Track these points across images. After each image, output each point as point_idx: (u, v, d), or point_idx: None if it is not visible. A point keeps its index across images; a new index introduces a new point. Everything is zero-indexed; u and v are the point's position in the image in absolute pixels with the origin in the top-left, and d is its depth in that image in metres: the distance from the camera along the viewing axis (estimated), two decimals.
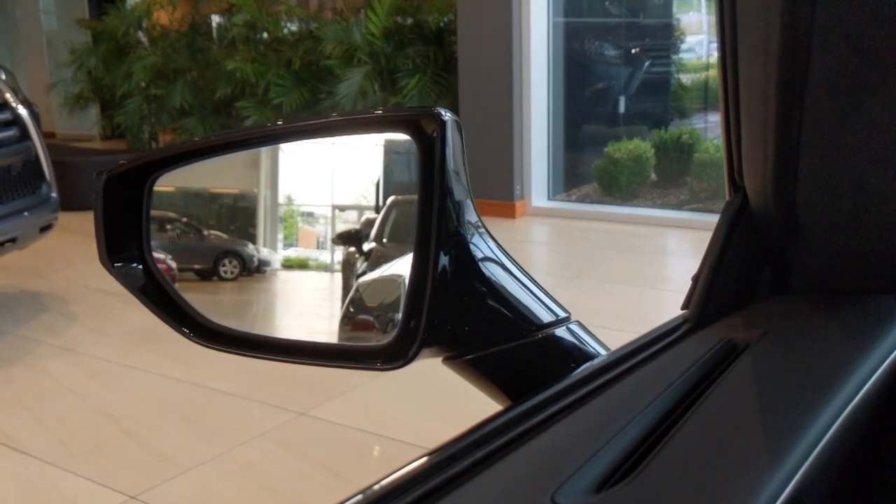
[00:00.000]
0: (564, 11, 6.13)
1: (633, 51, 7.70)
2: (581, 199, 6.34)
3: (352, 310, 0.71)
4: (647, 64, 7.70)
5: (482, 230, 0.59)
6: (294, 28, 6.85)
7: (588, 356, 0.61)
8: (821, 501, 0.38)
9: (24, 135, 3.69)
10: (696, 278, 0.59)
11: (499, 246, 0.61)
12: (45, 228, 3.88)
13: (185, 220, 0.75)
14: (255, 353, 0.63)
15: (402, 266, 0.81)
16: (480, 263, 0.58)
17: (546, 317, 0.61)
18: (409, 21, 6.18)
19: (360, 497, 0.37)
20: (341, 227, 0.68)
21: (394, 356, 0.57)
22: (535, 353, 0.60)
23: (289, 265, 0.69)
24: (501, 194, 5.75)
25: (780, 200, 0.54)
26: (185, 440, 2.79)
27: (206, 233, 0.74)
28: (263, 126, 0.60)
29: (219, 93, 6.84)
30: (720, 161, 5.93)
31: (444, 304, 0.56)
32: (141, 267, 0.64)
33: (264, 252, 0.70)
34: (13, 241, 3.68)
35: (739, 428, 0.40)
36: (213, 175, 0.74)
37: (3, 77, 3.85)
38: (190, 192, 0.75)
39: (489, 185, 5.72)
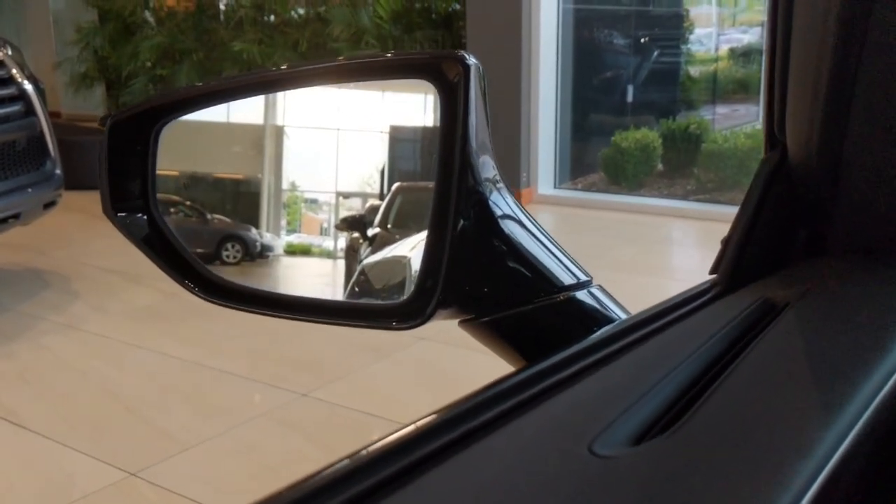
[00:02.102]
0: None
1: (642, 40, 7.66)
2: (587, 188, 6.31)
3: (357, 290, 0.70)
4: (655, 54, 7.66)
5: (501, 186, 0.57)
6: (301, 11, 6.81)
7: (610, 320, 0.58)
8: (874, 460, 0.36)
9: (30, 110, 3.66)
10: (726, 241, 0.57)
11: (518, 204, 0.58)
12: (48, 205, 3.85)
13: (188, 203, 0.74)
14: (265, 310, 0.61)
15: (406, 247, 0.80)
16: (500, 221, 0.56)
17: (567, 279, 0.58)
18: (418, 5, 6.14)
19: (385, 441, 0.35)
20: (345, 214, 0.68)
21: (409, 315, 0.54)
22: (555, 315, 0.57)
23: (291, 251, 0.69)
24: (507, 181, 5.70)
25: (825, 156, 0.52)
26: (186, 418, 2.78)
27: (209, 217, 0.73)
28: (273, 69, 0.57)
29: (225, 73, 6.80)
30: (729, 152, 5.92)
31: (462, 263, 0.53)
32: (145, 217, 0.61)
33: (267, 237, 0.70)
34: (16, 216, 3.65)
35: (787, 383, 0.38)
36: (218, 160, 0.75)
37: (10, 52, 3.82)
38: (194, 177, 0.75)
39: None
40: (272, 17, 6.95)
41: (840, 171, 0.52)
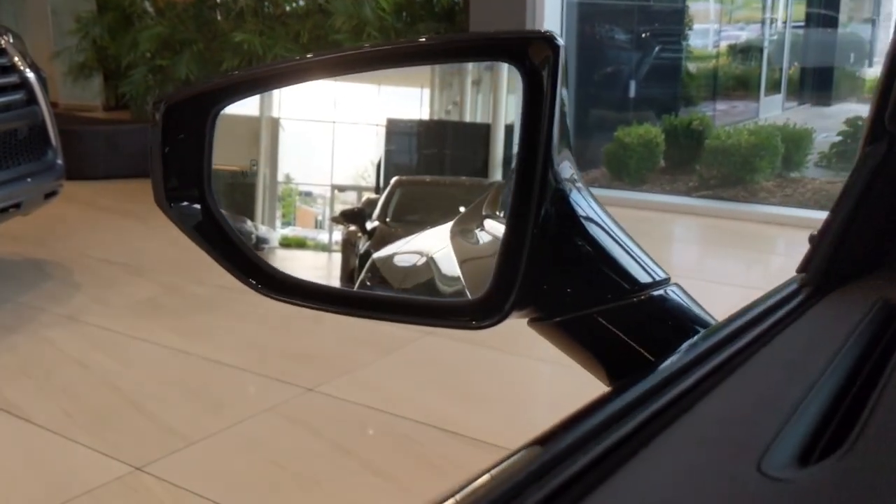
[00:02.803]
0: None
1: (643, 35, 7.63)
2: (590, 183, 6.26)
3: (368, 285, 0.69)
4: (657, 49, 7.63)
5: (579, 183, 0.54)
6: (302, 2, 6.76)
7: (693, 321, 0.55)
8: None
9: (32, 99, 3.62)
10: (817, 238, 0.54)
11: (597, 200, 0.55)
12: (49, 195, 3.81)
13: None
14: (336, 308, 0.58)
15: (422, 243, 0.78)
16: (581, 218, 0.53)
17: (646, 278, 0.56)
18: None
19: (540, 448, 0.32)
20: (341, 207, 0.68)
21: (485, 313, 0.51)
22: (635, 316, 0.54)
23: (286, 244, 0.68)
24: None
25: None
26: (191, 413, 2.75)
27: None
28: (340, 51, 0.54)
29: (225, 65, 6.75)
30: (732, 148, 5.90)
31: (540, 261, 0.51)
32: (199, 207, 0.58)
33: (262, 229, 0.69)
34: (17, 206, 3.61)
35: None
36: (214, 151, 0.73)
37: (12, 40, 3.77)
38: None
39: None
40: (273, 9, 6.89)
41: None
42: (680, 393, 0.37)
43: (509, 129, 0.68)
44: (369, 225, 0.65)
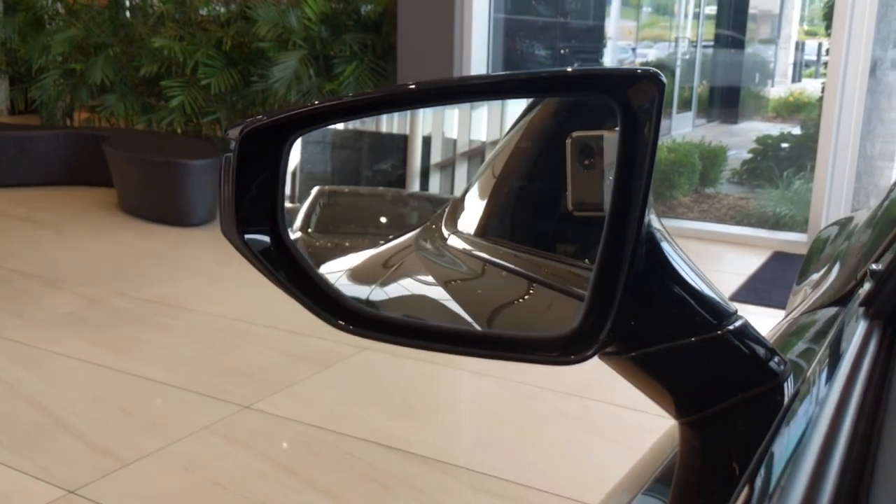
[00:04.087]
0: (505, 8, 6.12)
1: (562, 51, 7.77)
2: None
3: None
4: (575, 66, 7.77)
5: (660, 223, 0.54)
6: (222, 10, 6.63)
7: (766, 355, 0.56)
8: None
9: None
10: (884, 272, 0.55)
11: (674, 241, 0.56)
12: None
13: None
14: (418, 342, 0.56)
15: (380, 258, 0.77)
16: (667, 257, 0.53)
17: (721, 313, 0.56)
18: (343, 6, 6.05)
19: None
20: None
21: (578, 348, 0.51)
22: (712, 351, 0.55)
23: None
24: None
25: None
26: (124, 432, 2.65)
27: None
28: (426, 83, 0.52)
29: (143, 70, 6.57)
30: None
31: (632, 296, 0.51)
32: (270, 240, 0.55)
33: None
34: None
35: None
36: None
37: None
38: None
39: None
40: (193, 14, 6.75)
41: None
42: (850, 440, 0.37)
43: (426, 141, 0.68)
44: (291, 236, 0.62)
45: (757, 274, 4.39)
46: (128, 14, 7.07)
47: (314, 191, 0.67)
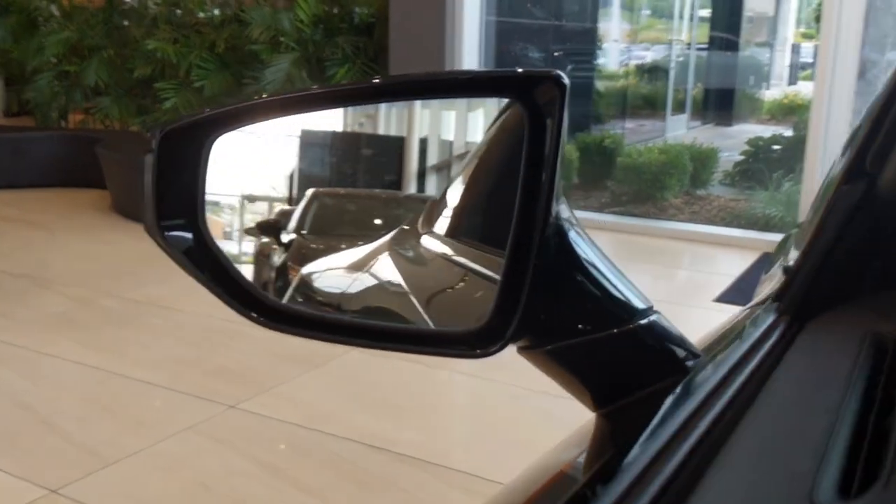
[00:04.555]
0: (497, 11, 6.14)
1: (556, 54, 7.79)
2: None
3: (300, 299, 0.68)
4: (569, 68, 7.79)
5: (574, 220, 0.56)
6: (217, 12, 6.65)
7: (679, 348, 0.57)
8: None
9: None
10: (794, 269, 0.57)
11: (587, 234, 0.58)
12: None
13: None
14: (336, 337, 0.58)
15: (356, 259, 0.78)
16: (577, 250, 0.55)
17: (634, 307, 0.58)
18: (336, 9, 6.08)
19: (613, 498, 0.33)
20: (254, 218, 0.66)
21: (487, 342, 0.53)
22: (625, 345, 0.56)
23: None
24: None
25: None
26: (108, 432, 2.66)
27: None
28: (344, 84, 0.54)
29: (137, 73, 6.59)
30: (643, 166, 6.07)
31: (538, 291, 0.52)
32: (192, 236, 0.57)
33: None
34: None
35: None
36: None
37: None
38: None
39: None
40: (187, 17, 6.77)
41: None
42: (706, 431, 0.38)
43: (423, 143, 0.69)
44: (285, 237, 0.64)
45: (744, 275, 4.42)
46: (127, 18, 7.10)
47: (309, 192, 0.68)
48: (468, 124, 0.71)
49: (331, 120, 0.65)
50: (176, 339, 3.48)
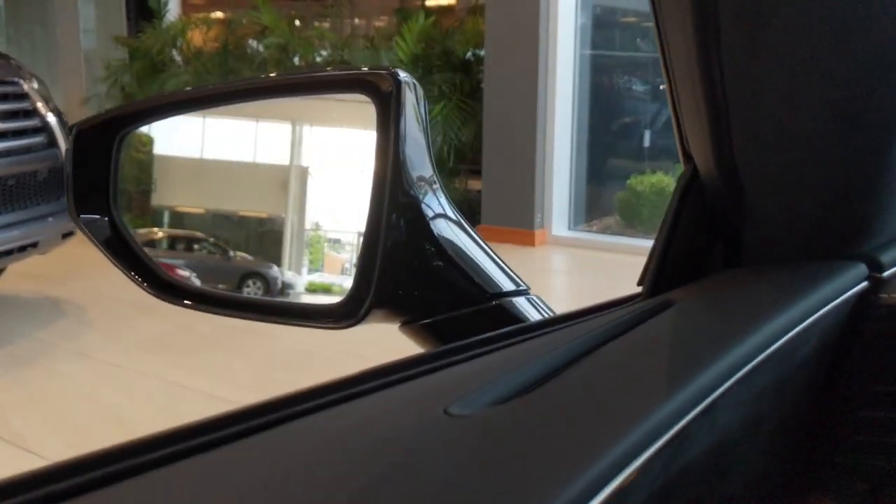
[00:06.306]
0: (592, 44, 6.17)
1: (661, 87, 7.72)
2: (602, 231, 6.33)
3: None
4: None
5: (437, 188, 0.60)
6: (325, 53, 6.94)
7: None
8: (711, 451, 0.39)
9: (52, 142, 3.76)
10: (649, 254, 0.60)
11: (454, 211, 0.62)
12: (67, 235, 3.93)
13: (212, 240, 0.77)
14: (215, 309, 0.65)
15: None
16: (433, 228, 0.59)
17: (503, 287, 0.62)
18: (437, 49, 6.25)
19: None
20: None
21: (345, 316, 0.58)
22: (490, 320, 0.60)
23: (313, 289, 0.69)
24: (521, 222, 5.77)
25: (721, 164, 0.55)
26: None
27: (231, 254, 0.75)
28: (224, 84, 0.60)
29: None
30: None
31: (395, 268, 0.57)
32: (107, 220, 0.65)
33: (288, 275, 0.71)
34: (34, 245, 3.73)
35: (639, 370, 0.41)
36: (243, 198, 0.77)
37: (36, 86, 3.93)
38: (219, 214, 0.78)
39: (510, 212, 5.74)
40: (296, 60, 7.09)
41: (738, 178, 0.55)
42: (436, 367, 0.42)
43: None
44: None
45: None
46: (242, 61, 7.49)
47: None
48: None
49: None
50: (268, 364, 3.63)
